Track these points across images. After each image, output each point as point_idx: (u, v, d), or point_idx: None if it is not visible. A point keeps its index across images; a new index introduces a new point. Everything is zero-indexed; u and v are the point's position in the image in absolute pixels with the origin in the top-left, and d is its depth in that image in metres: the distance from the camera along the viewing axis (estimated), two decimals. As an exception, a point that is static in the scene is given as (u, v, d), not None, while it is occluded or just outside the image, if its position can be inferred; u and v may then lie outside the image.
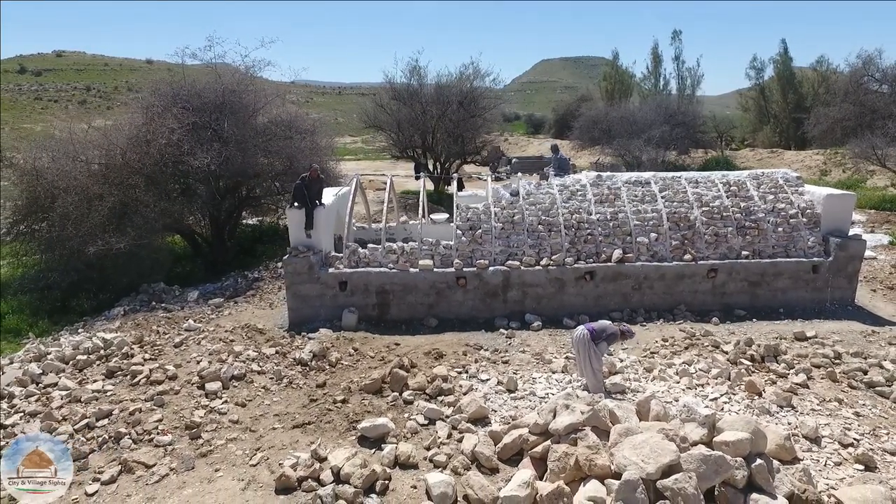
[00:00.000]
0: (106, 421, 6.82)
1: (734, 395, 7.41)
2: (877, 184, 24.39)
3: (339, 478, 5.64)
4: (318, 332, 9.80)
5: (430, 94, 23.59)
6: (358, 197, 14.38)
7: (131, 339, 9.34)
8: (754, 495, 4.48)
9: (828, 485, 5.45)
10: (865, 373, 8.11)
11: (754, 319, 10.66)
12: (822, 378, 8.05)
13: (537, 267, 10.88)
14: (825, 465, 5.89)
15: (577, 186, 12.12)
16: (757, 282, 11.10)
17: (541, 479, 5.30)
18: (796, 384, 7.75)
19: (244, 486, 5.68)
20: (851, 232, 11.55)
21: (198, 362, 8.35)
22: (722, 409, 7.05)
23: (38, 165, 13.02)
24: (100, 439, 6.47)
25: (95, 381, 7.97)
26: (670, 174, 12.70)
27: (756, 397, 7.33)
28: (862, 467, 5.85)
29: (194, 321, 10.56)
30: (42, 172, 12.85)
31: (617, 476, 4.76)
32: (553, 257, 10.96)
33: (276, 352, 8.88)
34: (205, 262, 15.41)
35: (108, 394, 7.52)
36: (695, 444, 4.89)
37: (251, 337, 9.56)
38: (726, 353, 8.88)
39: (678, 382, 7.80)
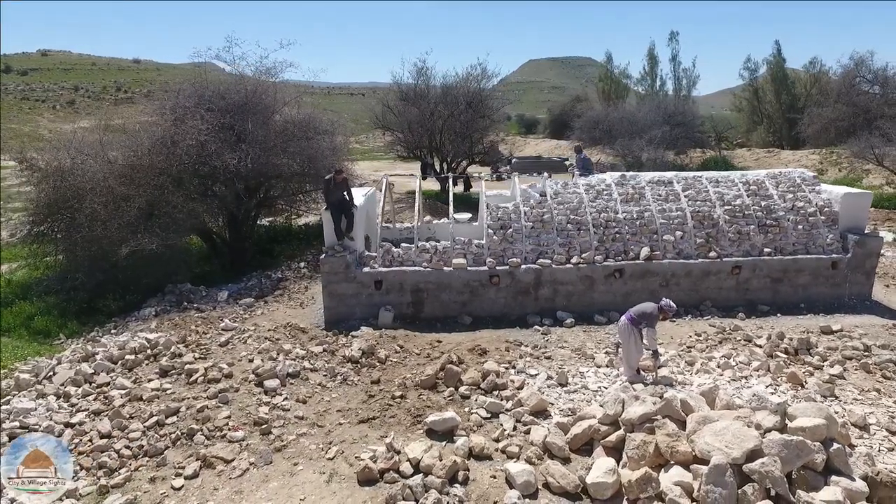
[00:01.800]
0: (175, 418, 6.94)
1: (778, 386, 7.72)
2: (872, 182, 25.03)
3: (417, 469, 5.84)
4: (360, 331, 9.95)
5: (437, 94, 23.78)
6: (380, 196, 14.56)
7: (176, 338, 9.42)
8: (834, 477, 4.76)
9: (886, 469, 5.74)
10: (896, 364, 8.48)
11: (778, 314, 11.01)
12: (855, 369, 8.41)
13: (568, 265, 11.14)
14: (878, 450, 6.20)
15: (602, 186, 12.40)
16: (779, 278, 11.46)
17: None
18: (833, 375, 8.09)
19: (327, 478, 5.84)
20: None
21: (249, 360, 8.47)
22: (769, 399, 7.34)
23: (62, 166, 13.00)
24: (173, 436, 6.59)
25: (151, 379, 8.05)
26: (691, 174, 13.03)
27: (799, 388, 7.64)
28: (914, 452, 6.17)
29: (230, 321, 10.65)
30: (67, 173, 12.83)
31: (699, 461, 5.02)
32: (583, 255, 11.21)
33: (324, 350, 9.03)
34: (222, 262, 15.46)
35: (169, 392, 7.62)
36: (768, 430, 5.15)
37: (295, 336, 9.69)
38: (760, 346, 9.21)
39: (721, 374, 8.10)
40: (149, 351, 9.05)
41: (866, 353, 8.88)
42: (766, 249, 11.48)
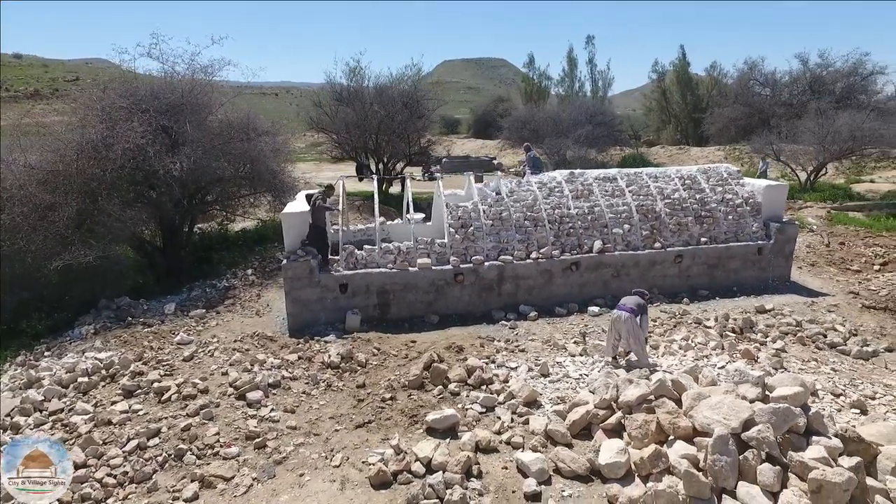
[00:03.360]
0: (157, 439, 6.51)
1: (734, 362, 8.45)
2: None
3: (429, 468, 5.89)
4: (330, 336, 9.78)
5: (371, 94, 23.59)
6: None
7: (132, 356, 8.78)
8: (814, 437, 5.34)
9: (841, 427, 6.50)
10: (825, 336, 9.57)
11: (716, 298, 12.01)
12: (793, 343, 9.40)
13: (528, 260, 11.52)
14: (829, 412, 6.98)
15: (553, 184, 12.91)
16: (714, 264, 12.50)
17: (617, 447, 5.86)
18: (776, 349, 8.99)
19: (340, 486, 5.73)
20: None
21: (223, 374, 8.09)
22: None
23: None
24: (159, 458, 6.18)
25: (115, 402, 7.48)
26: (632, 170, 13.90)
27: (753, 362, 8.42)
28: (858, 411, 7.05)
29: (186, 334, 10.08)
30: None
31: (700, 434, 5.46)
32: (541, 250, 11.64)
33: (299, 357, 8.78)
34: (157, 273, 14.53)
35: (141, 413, 7.11)
36: (753, 401, 5.68)
37: (264, 345, 9.35)
38: (709, 327, 10.03)
39: (685, 355, 8.75)
40: (104, 371, 8.39)
41: (798, 328, 9.94)
42: (702, 239, 12.49)
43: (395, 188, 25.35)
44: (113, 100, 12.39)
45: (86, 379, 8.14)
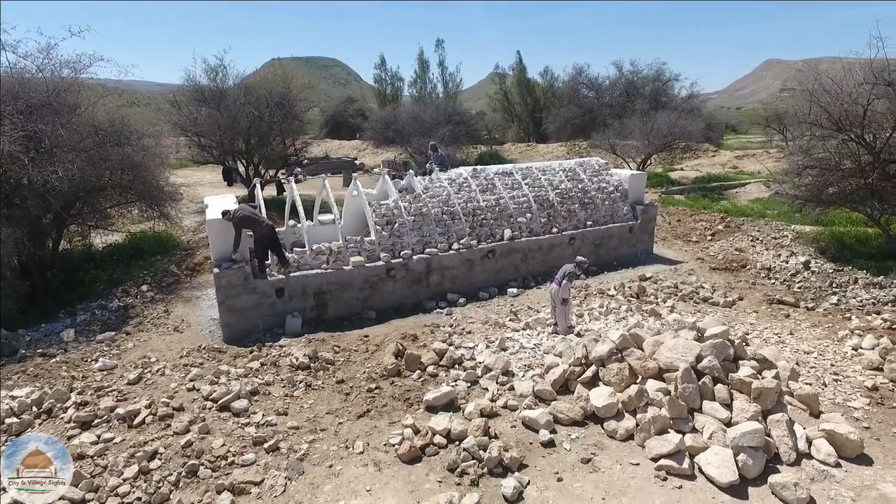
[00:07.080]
0: (157, 461, 6.10)
1: (647, 319, 10.22)
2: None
3: (449, 438, 6.47)
4: (282, 340, 9.65)
5: (236, 95, 22.47)
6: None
7: (63, 388, 7.84)
8: (742, 362, 7.01)
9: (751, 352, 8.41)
10: (698, 293, 11.91)
11: (604, 272, 14.04)
12: (678, 301, 11.55)
13: (451, 251, 12.38)
14: (726, 347, 8.94)
15: (461, 179, 13.92)
16: (599, 244, 14.58)
17: (596, 395, 7.01)
18: (669, 307, 11.02)
19: (375, 468, 6.03)
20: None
21: (189, 390, 7.67)
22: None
23: None
24: (170, 478, 5.84)
25: (71, 435, 6.74)
26: (525, 165, 15.48)
27: (660, 318, 10.26)
28: (744, 344, 9.09)
29: (108, 359, 9.16)
30: None
31: (665, 371, 6.82)
32: (461, 242, 12.58)
33: (262, 364, 8.59)
34: (17, 298, 12.63)
35: (118, 441, 6.54)
36: (693, 340, 7.21)
37: (215, 357, 8.94)
38: (612, 295, 11.83)
39: (607, 318, 10.33)
40: (35, 409, 7.41)
41: (677, 290, 12.20)
42: (587, 222, 14.47)
43: (266, 192, 24.43)
44: (-30, 99, 10.52)
45: (15, 420, 7.14)
